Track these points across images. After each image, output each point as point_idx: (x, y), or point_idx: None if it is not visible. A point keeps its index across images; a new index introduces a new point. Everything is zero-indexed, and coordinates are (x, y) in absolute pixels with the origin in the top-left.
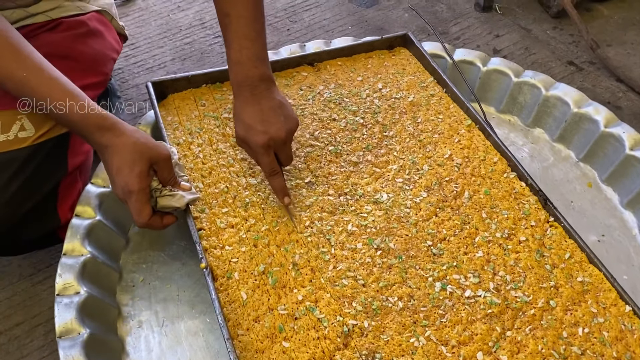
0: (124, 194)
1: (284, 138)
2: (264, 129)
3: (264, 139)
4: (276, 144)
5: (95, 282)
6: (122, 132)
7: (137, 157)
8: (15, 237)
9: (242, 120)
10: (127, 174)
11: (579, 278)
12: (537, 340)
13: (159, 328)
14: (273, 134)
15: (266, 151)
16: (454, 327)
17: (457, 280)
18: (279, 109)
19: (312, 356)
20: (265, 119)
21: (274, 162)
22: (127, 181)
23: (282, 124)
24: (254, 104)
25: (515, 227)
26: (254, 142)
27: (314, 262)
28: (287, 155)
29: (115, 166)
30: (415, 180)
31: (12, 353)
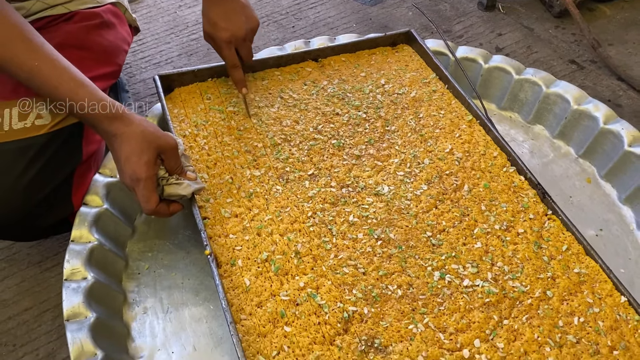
0: (132, 181)
1: (243, 35)
2: (226, 26)
3: (226, 35)
4: (237, 40)
5: (102, 269)
6: (130, 121)
7: (145, 146)
8: (30, 223)
9: (209, 17)
10: (135, 162)
11: (576, 269)
12: (534, 329)
13: (163, 314)
14: (234, 31)
15: (228, 46)
16: (452, 315)
17: (456, 270)
18: (242, 10)
19: (312, 340)
20: (228, 18)
21: (235, 56)
22: (136, 169)
23: (243, 22)
24: (219, 4)
25: (514, 219)
26: (217, 37)
27: (315, 251)
28: (247, 51)
29: (124, 154)
30: (416, 173)
31: (21, 337)
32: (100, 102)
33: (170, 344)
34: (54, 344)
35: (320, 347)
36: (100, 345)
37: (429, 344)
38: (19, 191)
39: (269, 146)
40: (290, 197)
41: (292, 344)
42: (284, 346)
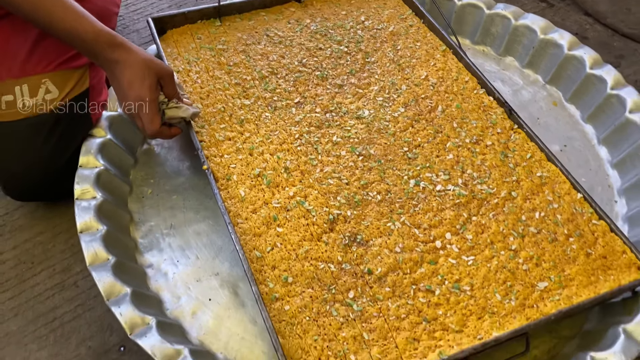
0: (136, 104)
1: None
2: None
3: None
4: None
5: (109, 191)
6: (131, 49)
7: (147, 71)
8: (55, 188)
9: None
10: (139, 85)
11: (538, 173)
12: (499, 223)
13: (167, 230)
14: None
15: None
16: (425, 214)
17: (430, 178)
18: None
19: (302, 238)
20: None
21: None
22: (140, 92)
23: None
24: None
25: (483, 134)
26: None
27: (303, 167)
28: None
29: (127, 79)
30: (394, 98)
31: (38, 256)
32: (102, 32)
33: (175, 255)
34: (69, 260)
35: (309, 243)
36: (112, 252)
37: (405, 238)
38: (40, 163)
39: (257, 79)
40: (278, 122)
41: (284, 241)
42: (277, 243)
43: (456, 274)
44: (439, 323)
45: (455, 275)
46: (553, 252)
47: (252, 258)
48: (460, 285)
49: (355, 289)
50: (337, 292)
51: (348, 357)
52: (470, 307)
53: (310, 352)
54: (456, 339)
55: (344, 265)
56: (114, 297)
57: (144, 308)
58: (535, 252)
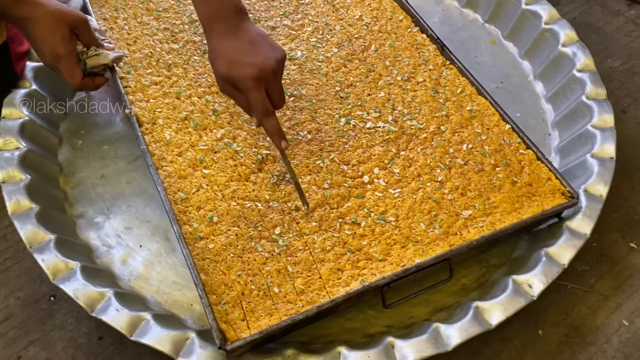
0: (53, 60)
1: (274, 68)
2: (251, 61)
3: (253, 71)
4: (267, 77)
5: (35, 142)
6: (37, 3)
7: (57, 24)
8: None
9: (223, 55)
10: (51, 41)
11: (468, 107)
12: (427, 157)
13: (98, 180)
14: (262, 63)
15: (257, 85)
16: (355, 151)
17: (360, 116)
18: (262, 39)
19: (229, 179)
20: (249, 51)
21: (267, 100)
22: (53, 47)
23: (268, 52)
24: (231, 38)
25: (415, 71)
26: (241, 76)
27: (232, 109)
28: (279, 92)
29: (39, 36)
30: (327, 39)
31: None
32: None
33: (106, 205)
34: None
35: (236, 184)
36: (36, 201)
37: (333, 174)
38: None
39: (187, 23)
40: (208, 66)
41: (210, 182)
42: (203, 184)
43: (382, 206)
44: (363, 253)
45: (381, 208)
46: (479, 181)
47: (176, 200)
48: (386, 216)
49: (282, 225)
50: (263, 229)
51: (271, 290)
52: (394, 237)
53: (234, 287)
54: (379, 267)
55: (271, 204)
56: (37, 244)
57: (71, 255)
58: (461, 183)
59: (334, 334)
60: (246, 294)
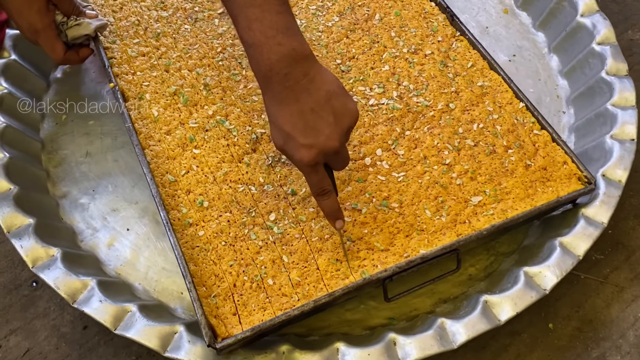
0: (31, 34)
1: (337, 148)
2: (309, 142)
3: (310, 155)
4: (327, 157)
5: (15, 116)
6: None
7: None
8: None
9: (279, 126)
10: (27, 13)
11: (479, 83)
12: (434, 137)
13: (83, 158)
14: (322, 145)
15: (314, 169)
16: (356, 130)
17: (363, 92)
18: (327, 104)
19: (221, 160)
20: (309, 125)
21: (324, 180)
22: (30, 20)
23: (333, 127)
24: (290, 103)
25: (422, 42)
26: (297, 159)
27: (225, 83)
28: (342, 162)
29: (14, 9)
30: (328, 7)
31: None
32: None
33: (91, 185)
34: None
35: (228, 165)
36: (16, 182)
37: None
38: None
39: None
40: (199, 35)
41: (200, 163)
42: (193, 166)
43: (385, 191)
44: (364, 242)
45: (383, 193)
46: (490, 165)
47: (164, 182)
48: (389, 202)
49: (277, 211)
50: (257, 215)
51: (265, 282)
52: (397, 225)
53: (225, 278)
54: (381, 258)
55: (266, 187)
56: (15, 229)
57: (53, 240)
58: (470, 166)
59: (332, 326)
60: (238, 286)
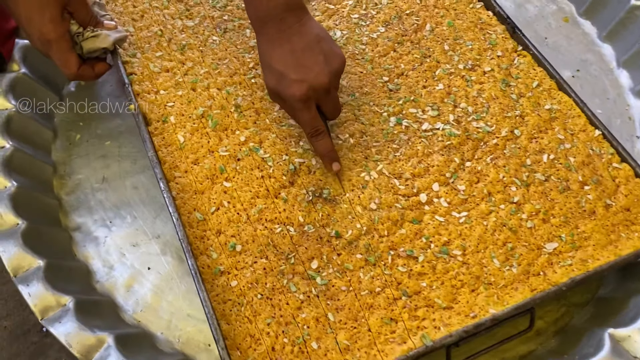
0: (42, 45)
1: (326, 85)
2: (300, 77)
3: (302, 89)
4: (318, 94)
5: (24, 139)
6: None
7: (45, 1)
8: None
9: (271, 67)
10: (38, 21)
11: (547, 106)
12: (499, 169)
13: (99, 185)
14: (312, 81)
15: (305, 105)
16: (408, 161)
17: (414, 114)
18: (317, 46)
19: (255, 195)
20: (300, 63)
21: (317, 119)
22: (41, 30)
23: (322, 65)
24: (282, 43)
25: (480, 57)
26: (289, 95)
27: (258, 104)
28: (333, 106)
29: (24, 16)
30: (372, 15)
31: None
32: None
33: (107, 215)
34: None
35: (263, 201)
36: (24, 215)
37: (382, 191)
38: None
39: None
40: (229, 48)
41: (232, 199)
42: (224, 202)
43: (444, 234)
44: (423, 298)
45: (443, 237)
46: (564, 204)
47: (191, 222)
48: (450, 249)
49: (319, 258)
50: (296, 262)
51: (309, 345)
52: (461, 276)
53: (262, 340)
54: (443, 317)
55: (306, 228)
56: (23, 272)
57: (64, 283)
58: (542, 205)
59: None
60: (277, 350)
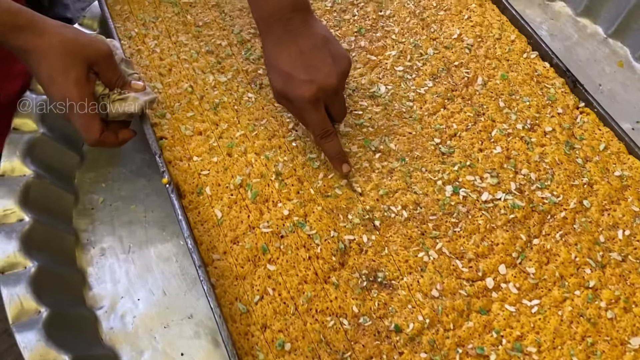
0: (63, 107)
1: (335, 85)
2: (309, 77)
3: (311, 90)
4: (327, 95)
5: (44, 208)
6: (43, 30)
7: (70, 60)
8: None
9: (278, 68)
10: (61, 83)
11: (617, 172)
12: (570, 248)
13: (125, 255)
14: (321, 82)
15: (314, 107)
16: (469, 237)
17: (472, 182)
18: (324, 47)
19: (302, 279)
20: (308, 64)
21: (326, 120)
22: (64, 92)
23: (331, 66)
24: (290, 45)
25: (539, 115)
26: (298, 96)
27: (300, 171)
28: (340, 108)
29: (46, 75)
30: (418, 67)
31: None
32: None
33: (135, 289)
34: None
35: (312, 287)
36: (46, 300)
37: (444, 275)
38: None
39: (235, 44)
40: (265, 107)
41: (277, 285)
42: (268, 288)
43: (517, 328)
44: None
45: (515, 331)
46: None
47: (233, 315)
48: (523, 345)
49: (378, 357)
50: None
51: None
52: None
53: None
54: None
55: (361, 320)
56: None
57: None
58: (622, 291)
59: None
60: None
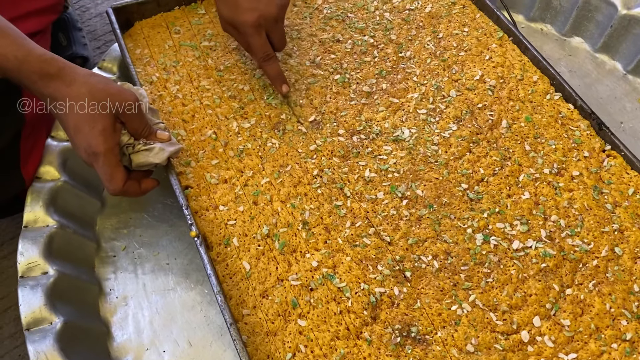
0: (88, 157)
1: (275, 14)
2: (253, 6)
3: (254, 16)
4: (267, 22)
5: (67, 257)
6: (72, 79)
7: (98, 111)
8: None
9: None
10: (88, 132)
11: None
12: (604, 298)
13: (148, 304)
14: (263, 10)
15: (257, 31)
16: (502, 288)
17: (502, 230)
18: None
19: (334, 335)
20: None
21: (267, 45)
22: (90, 141)
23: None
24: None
25: (566, 159)
26: (242, 21)
27: (327, 219)
28: (280, 36)
29: (72, 124)
30: (441, 110)
31: None
32: (29, 59)
33: (160, 340)
34: (20, 349)
35: (345, 343)
36: (73, 356)
37: (478, 328)
38: None
39: (257, 88)
40: (289, 153)
41: (309, 341)
42: (300, 346)
43: None
44: None
45: None
46: None
47: None
48: None
49: None
50: None
51: None
52: None
53: None
54: None
55: None
56: None
57: None
58: None
59: None
60: None
